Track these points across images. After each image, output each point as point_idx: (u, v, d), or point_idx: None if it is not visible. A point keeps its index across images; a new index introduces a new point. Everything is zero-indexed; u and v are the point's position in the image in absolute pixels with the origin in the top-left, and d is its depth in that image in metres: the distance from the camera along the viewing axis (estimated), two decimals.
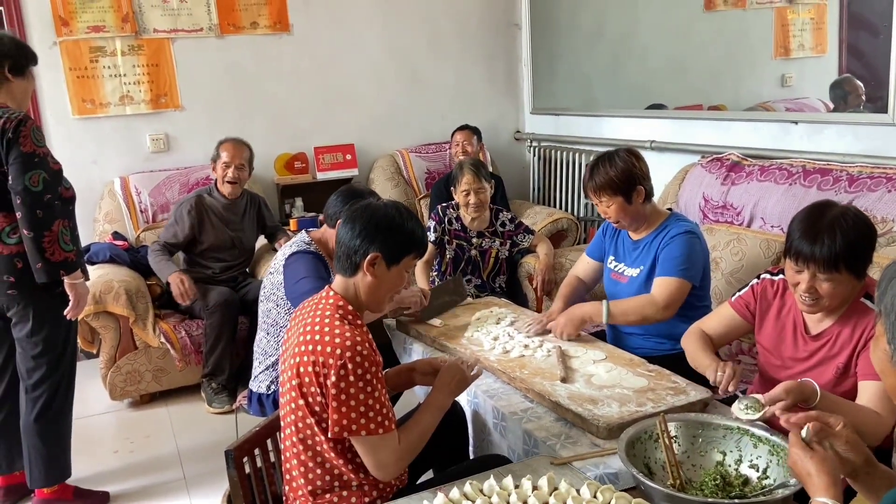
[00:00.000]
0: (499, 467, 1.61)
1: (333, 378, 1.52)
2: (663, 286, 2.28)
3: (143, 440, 3.22)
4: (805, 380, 1.61)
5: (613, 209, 2.34)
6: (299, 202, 4.42)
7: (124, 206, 3.97)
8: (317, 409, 1.57)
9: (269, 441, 1.83)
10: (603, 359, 2.13)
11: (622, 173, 2.30)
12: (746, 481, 1.52)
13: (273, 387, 2.49)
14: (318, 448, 1.61)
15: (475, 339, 2.36)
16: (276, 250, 3.76)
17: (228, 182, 3.59)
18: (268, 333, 2.50)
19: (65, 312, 2.45)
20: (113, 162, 4.12)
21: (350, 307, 1.65)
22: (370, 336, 1.64)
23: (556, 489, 1.45)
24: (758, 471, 1.53)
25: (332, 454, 1.60)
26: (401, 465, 1.61)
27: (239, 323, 3.51)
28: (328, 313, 1.61)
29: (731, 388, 1.80)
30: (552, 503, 1.41)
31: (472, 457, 2.04)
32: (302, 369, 1.57)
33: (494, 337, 2.33)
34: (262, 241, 3.95)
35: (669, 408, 1.78)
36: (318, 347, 1.54)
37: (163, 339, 3.43)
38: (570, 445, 1.71)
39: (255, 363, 2.56)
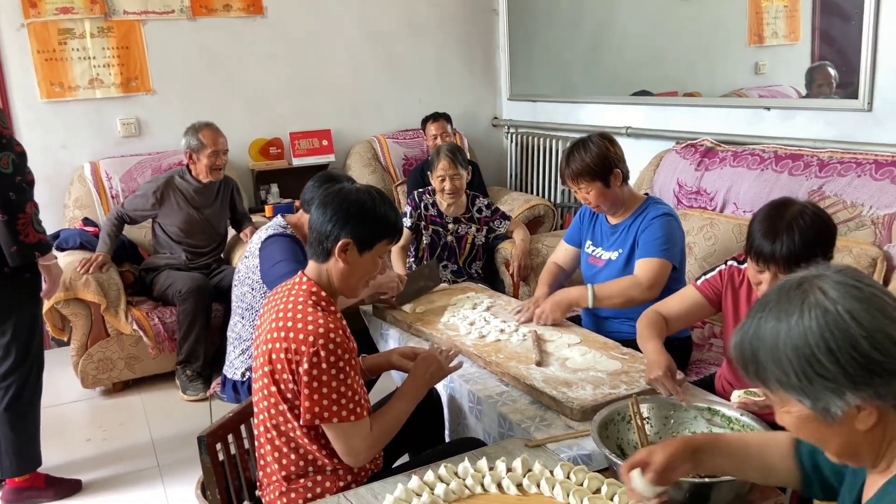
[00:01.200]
0: (474, 450, 1.61)
1: (306, 365, 1.51)
2: (646, 266, 2.30)
3: (117, 428, 3.19)
4: None
5: (593, 195, 2.35)
6: (275, 188, 4.38)
7: (95, 192, 3.91)
8: (289, 395, 1.56)
9: (242, 427, 1.82)
10: (578, 342, 2.14)
11: (598, 158, 2.31)
12: None
13: (248, 374, 2.47)
14: (292, 434, 1.60)
15: (451, 324, 2.36)
16: (241, 240, 3.73)
17: (216, 170, 3.53)
18: (242, 318, 2.48)
19: (42, 294, 2.43)
20: (83, 147, 4.04)
21: (323, 293, 1.63)
22: (344, 322, 1.63)
23: (529, 471, 1.46)
24: None
25: (306, 440, 1.60)
26: (372, 452, 1.61)
27: (213, 310, 3.48)
28: (301, 299, 1.59)
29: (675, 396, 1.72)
30: (526, 484, 1.42)
31: (447, 440, 2.04)
32: (274, 356, 1.55)
33: (471, 322, 2.34)
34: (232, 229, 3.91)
35: (642, 390, 1.79)
36: (291, 334, 1.53)
37: (135, 327, 3.39)
38: (544, 428, 1.72)
39: (230, 348, 2.54)
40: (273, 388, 1.57)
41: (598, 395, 1.78)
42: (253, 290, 2.44)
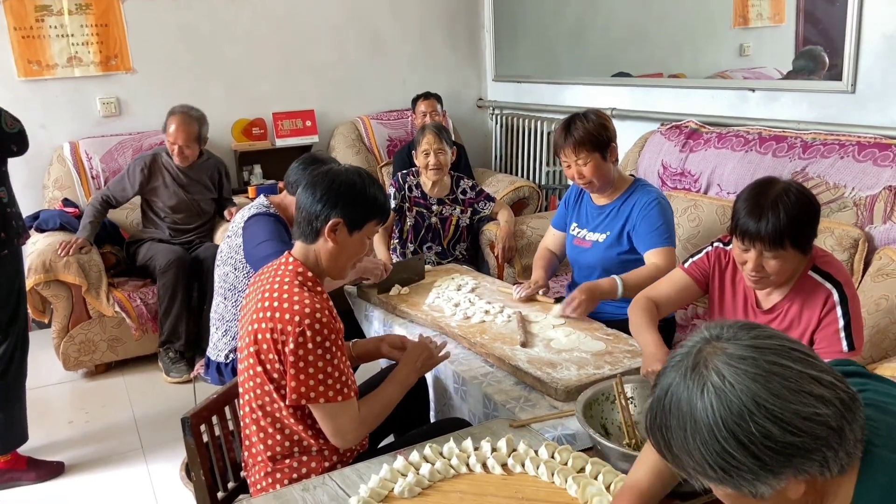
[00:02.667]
0: (458, 430, 1.62)
1: (292, 345, 1.50)
2: (661, 256, 2.30)
3: (99, 410, 3.17)
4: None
5: (590, 167, 2.32)
6: (258, 169, 4.34)
7: (75, 172, 3.85)
8: (275, 375, 1.56)
9: (227, 408, 1.81)
10: (562, 323, 2.14)
11: (599, 128, 2.32)
12: None
13: (231, 355, 2.46)
14: (277, 414, 1.60)
15: (436, 306, 2.35)
16: (224, 219, 3.71)
17: (179, 156, 3.50)
18: (225, 298, 2.46)
19: None
20: (62, 126, 3.97)
21: (310, 273, 1.63)
22: (330, 303, 1.63)
23: (514, 451, 1.46)
24: None
25: (291, 420, 1.59)
26: (360, 433, 1.61)
27: (191, 288, 3.46)
28: (287, 279, 1.58)
29: None
30: (511, 464, 1.43)
31: (433, 421, 2.05)
32: (260, 336, 1.55)
33: (455, 303, 2.33)
34: None
35: (626, 370, 1.80)
36: (277, 314, 1.52)
37: (117, 308, 3.36)
38: (528, 408, 1.73)
39: (213, 329, 2.52)
40: (259, 369, 1.57)
41: (582, 376, 1.79)
42: (236, 269, 2.42)
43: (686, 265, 1.99)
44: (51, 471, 2.69)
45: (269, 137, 4.43)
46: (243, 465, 1.75)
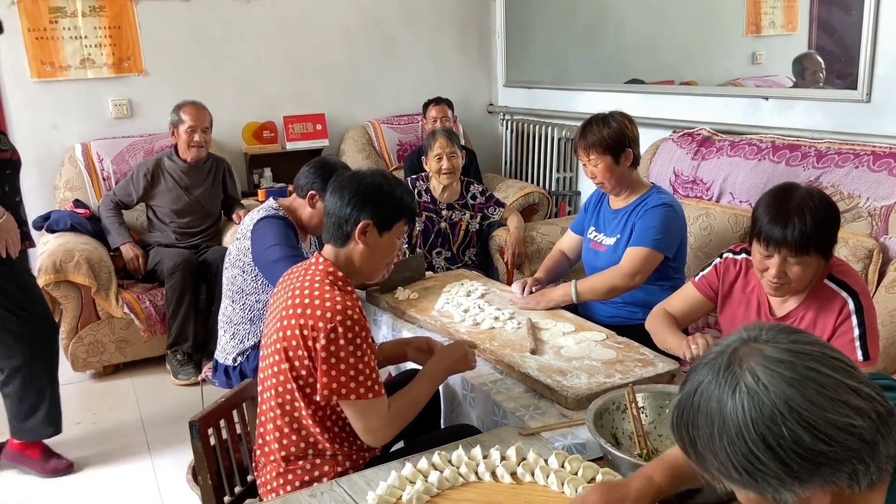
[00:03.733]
0: (468, 437, 1.60)
1: (323, 341, 1.50)
2: (631, 255, 2.31)
3: (107, 411, 3.17)
4: None
5: (601, 168, 2.34)
6: (268, 172, 4.34)
7: (86, 174, 3.86)
8: (303, 372, 1.56)
9: (234, 412, 1.81)
10: (572, 331, 2.13)
11: (615, 133, 2.31)
12: None
13: (239, 359, 2.45)
14: (297, 414, 1.60)
15: (445, 311, 2.34)
16: (232, 221, 3.72)
17: (195, 146, 3.52)
18: (233, 301, 2.46)
19: None
20: (74, 127, 3.99)
21: (340, 273, 1.64)
22: (360, 303, 1.63)
23: (524, 459, 1.45)
24: None
25: (310, 421, 1.59)
26: (390, 431, 1.61)
27: (199, 291, 3.47)
28: (318, 279, 1.60)
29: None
30: (520, 473, 1.41)
31: (442, 427, 2.03)
32: (289, 332, 1.55)
33: (465, 309, 2.32)
34: None
35: (637, 379, 1.79)
36: (308, 311, 1.53)
37: (126, 310, 3.36)
38: (538, 416, 1.71)
39: (221, 332, 2.51)
40: (284, 366, 1.57)
41: (592, 384, 1.78)
42: (244, 272, 2.41)
43: (696, 279, 1.98)
44: (60, 467, 2.70)
45: (279, 141, 4.43)
46: (254, 465, 1.74)
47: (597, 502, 1.22)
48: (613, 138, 2.31)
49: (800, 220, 1.63)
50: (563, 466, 1.41)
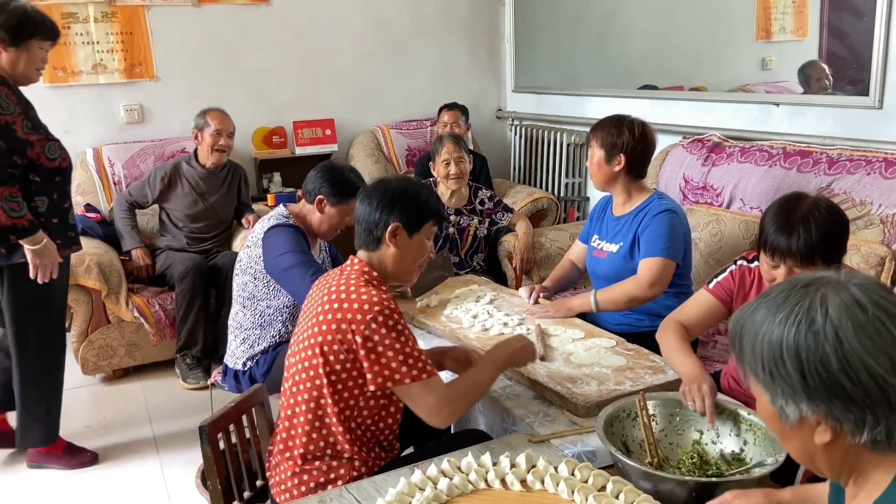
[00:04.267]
0: (477, 444, 1.60)
1: (366, 332, 1.53)
2: (647, 266, 2.30)
3: (116, 415, 3.18)
4: None
5: (594, 158, 2.39)
6: (277, 177, 4.35)
7: (97, 178, 3.89)
8: (336, 367, 1.57)
9: (244, 417, 1.81)
10: (581, 337, 2.12)
11: (615, 131, 2.34)
12: (723, 459, 1.53)
13: (249, 364, 2.46)
14: (320, 412, 1.61)
15: (454, 317, 2.34)
16: (242, 226, 3.74)
17: (218, 150, 3.55)
18: (244, 307, 2.46)
19: (31, 275, 2.47)
20: (85, 132, 4.01)
21: (375, 273, 1.68)
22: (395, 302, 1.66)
23: (533, 467, 1.44)
24: (735, 449, 1.54)
25: (335, 419, 1.60)
26: (454, 409, 1.61)
27: (209, 296, 3.48)
28: (353, 278, 1.64)
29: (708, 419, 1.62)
30: (530, 480, 1.41)
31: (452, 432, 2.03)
32: (324, 327, 1.57)
33: (474, 315, 2.32)
34: None
35: (647, 386, 1.78)
36: (345, 305, 1.56)
37: (136, 314, 3.38)
38: (548, 423, 1.71)
39: (231, 337, 2.52)
40: (315, 361, 1.58)
41: (602, 391, 1.77)
42: (255, 279, 2.42)
43: (711, 285, 1.97)
44: (86, 460, 2.76)
45: (288, 146, 4.45)
46: (267, 464, 1.75)
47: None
48: (612, 135, 2.34)
49: (805, 230, 1.63)
50: (573, 474, 1.40)
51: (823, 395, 0.86)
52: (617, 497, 1.33)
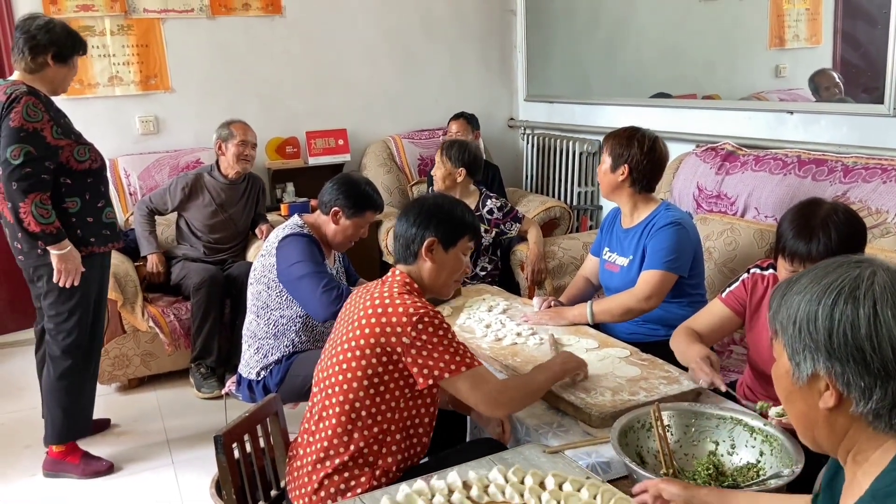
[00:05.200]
0: (490, 455, 1.60)
1: (413, 333, 1.56)
2: (645, 278, 2.30)
3: (131, 424, 3.20)
4: None
5: (603, 165, 2.41)
6: (290, 187, 4.38)
7: (113, 189, 3.90)
8: (379, 370, 1.59)
9: (258, 427, 1.81)
10: (595, 347, 2.12)
11: (624, 141, 2.35)
12: (739, 471, 1.52)
13: (263, 374, 2.47)
14: (355, 415, 1.61)
15: (467, 327, 2.34)
16: (255, 235, 3.76)
17: (243, 160, 3.60)
18: (258, 316, 2.47)
19: (54, 279, 2.56)
20: (101, 144, 3.96)
21: (415, 285, 1.72)
22: None
23: (541, 484, 1.43)
24: (751, 460, 1.53)
25: (370, 421, 1.61)
26: (512, 396, 1.65)
27: (224, 306, 3.50)
28: (396, 287, 1.67)
29: (717, 383, 1.74)
30: (545, 500, 1.39)
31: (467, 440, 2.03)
32: (367, 331, 1.59)
33: (486, 324, 2.32)
34: None
35: (662, 397, 1.77)
36: (389, 310, 1.59)
37: (151, 323, 3.40)
38: (562, 434, 1.70)
39: (245, 346, 2.53)
40: (354, 364, 1.60)
41: (617, 402, 1.76)
42: (269, 288, 2.43)
43: (724, 295, 1.96)
44: (101, 468, 2.79)
45: (301, 156, 4.48)
46: (287, 469, 1.75)
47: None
48: (620, 144, 2.35)
49: (824, 234, 1.62)
50: (595, 498, 1.38)
51: (843, 356, 0.89)
52: None
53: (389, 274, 1.76)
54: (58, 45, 2.53)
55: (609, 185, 2.41)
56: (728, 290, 1.96)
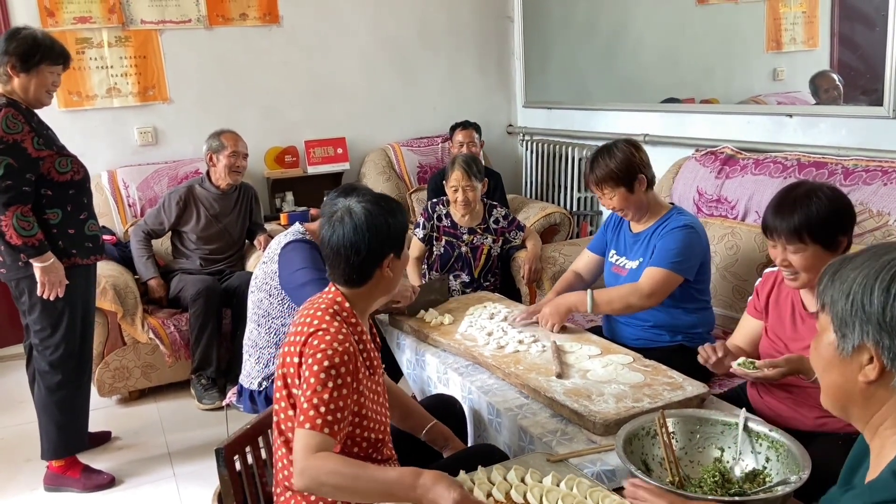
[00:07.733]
0: (494, 464, 1.58)
1: (315, 367, 1.48)
2: (650, 275, 2.29)
3: (132, 437, 3.18)
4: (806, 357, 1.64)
5: (617, 200, 2.35)
6: (290, 196, 4.38)
7: (112, 200, 3.92)
8: (301, 399, 1.52)
9: (260, 438, 1.80)
10: (598, 354, 2.11)
11: (622, 164, 2.30)
12: (746, 478, 1.50)
13: (265, 384, 2.45)
14: (291, 445, 1.57)
15: (469, 335, 2.33)
16: (254, 247, 3.76)
17: (235, 171, 3.59)
18: (259, 325, 2.46)
19: (38, 292, 2.55)
20: (100, 155, 4.06)
21: (347, 304, 1.62)
22: (367, 337, 1.63)
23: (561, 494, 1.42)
24: (757, 467, 1.51)
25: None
26: (311, 477, 1.41)
27: (222, 316, 3.49)
28: (323, 307, 1.60)
29: (721, 357, 1.83)
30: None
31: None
32: (289, 359, 1.56)
33: (489, 332, 2.31)
34: None
35: (666, 403, 1.76)
36: (310, 339, 1.53)
37: (151, 335, 3.39)
38: (566, 442, 1.69)
39: (245, 356, 2.52)
40: (284, 392, 1.58)
41: (620, 409, 1.75)
42: (270, 296, 2.42)
43: (748, 308, 2.03)
44: (102, 482, 2.77)
45: (300, 165, 4.47)
46: (273, 490, 1.73)
47: None
48: (622, 169, 2.30)
49: (799, 209, 1.71)
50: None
51: (890, 330, 0.93)
52: None
53: (326, 289, 1.66)
54: (16, 54, 2.48)
55: (638, 204, 2.37)
56: (749, 300, 2.04)
